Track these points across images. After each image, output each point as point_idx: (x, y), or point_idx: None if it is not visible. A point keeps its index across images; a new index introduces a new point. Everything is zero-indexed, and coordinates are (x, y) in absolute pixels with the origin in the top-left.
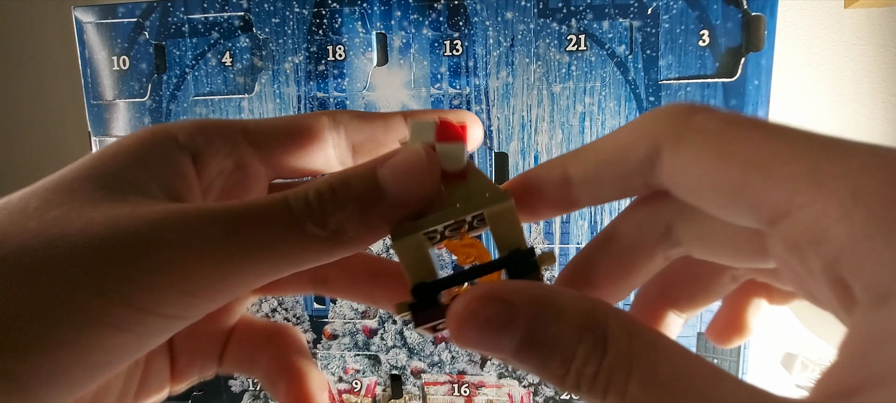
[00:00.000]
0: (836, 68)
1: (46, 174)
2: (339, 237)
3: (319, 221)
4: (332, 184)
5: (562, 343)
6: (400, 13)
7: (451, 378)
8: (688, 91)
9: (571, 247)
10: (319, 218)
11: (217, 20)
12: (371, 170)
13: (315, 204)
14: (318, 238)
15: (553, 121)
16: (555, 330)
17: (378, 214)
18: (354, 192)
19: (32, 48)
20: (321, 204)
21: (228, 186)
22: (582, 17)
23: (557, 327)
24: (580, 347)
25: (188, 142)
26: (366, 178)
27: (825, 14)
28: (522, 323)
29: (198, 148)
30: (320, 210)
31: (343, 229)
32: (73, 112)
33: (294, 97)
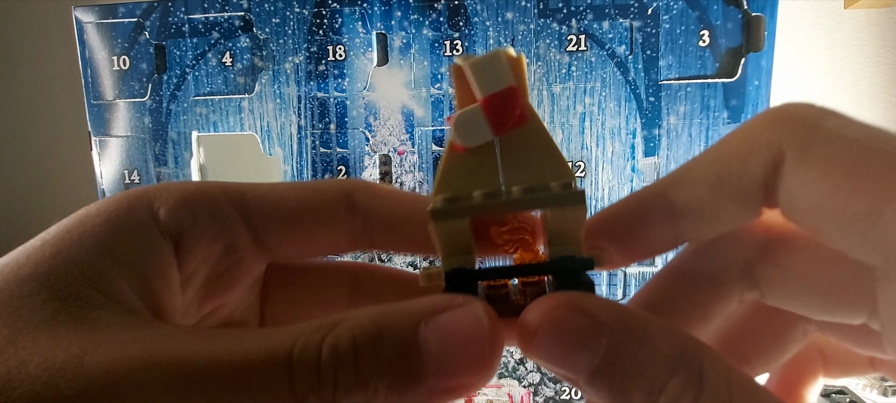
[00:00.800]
0: (836, 68)
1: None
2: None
3: (329, 398)
4: (356, 345)
5: (651, 373)
6: (400, 13)
7: None
8: (688, 91)
9: None
10: (330, 394)
11: (217, 20)
12: (411, 326)
13: (327, 372)
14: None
15: (553, 121)
16: (644, 357)
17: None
18: (385, 361)
19: (32, 48)
20: (336, 374)
21: (214, 275)
22: (582, 18)
23: (648, 354)
24: (673, 380)
25: (170, 221)
26: (403, 342)
27: (825, 14)
28: (607, 343)
29: (181, 229)
30: (333, 382)
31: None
32: (73, 112)
33: (294, 97)
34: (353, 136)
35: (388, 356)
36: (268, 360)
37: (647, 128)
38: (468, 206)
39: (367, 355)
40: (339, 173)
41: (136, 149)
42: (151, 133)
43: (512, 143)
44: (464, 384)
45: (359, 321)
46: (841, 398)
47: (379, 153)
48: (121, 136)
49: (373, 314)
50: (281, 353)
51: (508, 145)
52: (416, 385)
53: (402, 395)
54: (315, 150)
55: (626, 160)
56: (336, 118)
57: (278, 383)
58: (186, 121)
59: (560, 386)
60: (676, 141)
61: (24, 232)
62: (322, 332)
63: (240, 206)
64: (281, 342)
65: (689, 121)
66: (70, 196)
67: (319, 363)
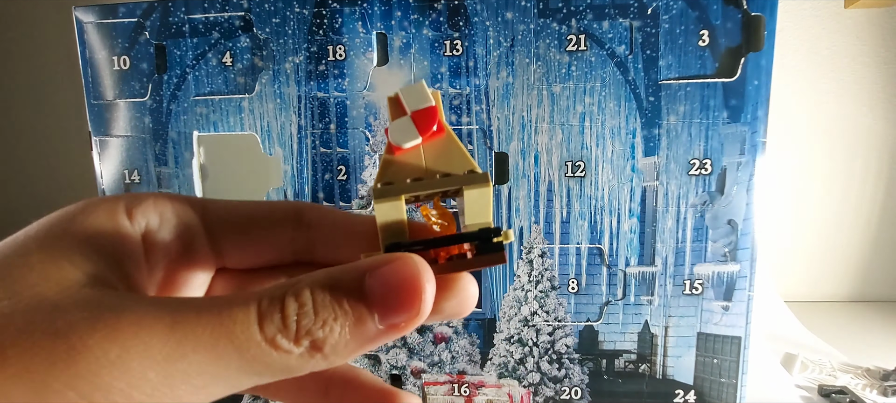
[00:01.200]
0: (836, 68)
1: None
2: (314, 354)
3: (296, 337)
4: (313, 294)
5: None
6: (400, 13)
7: (451, 378)
8: (688, 91)
9: (571, 247)
10: (296, 334)
11: (217, 20)
12: (358, 277)
13: (290, 316)
14: (291, 355)
15: (553, 122)
16: None
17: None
18: (338, 305)
19: (32, 48)
20: (298, 318)
21: (171, 270)
22: (582, 17)
23: None
24: None
25: (140, 217)
26: (352, 289)
27: (825, 14)
28: None
29: (150, 228)
30: (297, 322)
31: (321, 347)
32: (74, 112)
33: (294, 97)
34: (353, 136)
35: (340, 300)
36: (240, 308)
37: (646, 127)
38: (401, 187)
39: (323, 301)
40: (339, 173)
41: (136, 149)
42: (152, 133)
43: (433, 148)
44: (404, 321)
45: (315, 278)
46: (841, 398)
47: (379, 153)
48: (121, 136)
49: (326, 272)
50: (251, 304)
51: (430, 149)
52: (365, 323)
53: (354, 332)
54: (315, 150)
55: (626, 160)
56: (336, 118)
57: (249, 328)
58: (187, 120)
59: (560, 386)
60: (676, 140)
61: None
62: (283, 288)
63: (201, 213)
64: (249, 298)
65: (689, 121)
66: (70, 196)
67: (283, 309)
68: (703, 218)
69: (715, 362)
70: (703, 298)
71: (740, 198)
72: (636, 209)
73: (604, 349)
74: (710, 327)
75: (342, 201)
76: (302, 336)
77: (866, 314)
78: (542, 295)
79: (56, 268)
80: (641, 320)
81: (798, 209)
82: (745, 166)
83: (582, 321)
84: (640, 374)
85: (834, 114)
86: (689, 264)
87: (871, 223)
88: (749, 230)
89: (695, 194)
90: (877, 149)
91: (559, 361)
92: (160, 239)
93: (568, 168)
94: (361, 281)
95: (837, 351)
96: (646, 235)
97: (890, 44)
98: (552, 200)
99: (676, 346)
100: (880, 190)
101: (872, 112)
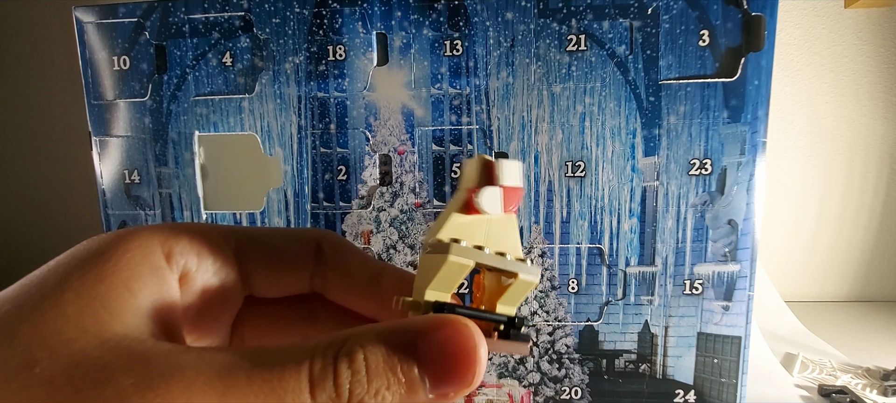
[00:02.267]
0: (836, 68)
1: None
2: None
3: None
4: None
5: None
6: (400, 13)
7: None
8: (688, 91)
9: (571, 247)
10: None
11: (217, 20)
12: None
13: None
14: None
15: (553, 122)
16: None
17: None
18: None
19: (32, 48)
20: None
21: (206, 308)
22: (582, 17)
23: None
24: None
25: (180, 260)
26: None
27: (825, 14)
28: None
29: (188, 269)
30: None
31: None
32: (74, 112)
33: (294, 97)
34: (353, 136)
35: (394, 367)
36: (291, 373)
37: (647, 127)
38: (474, 253)
39: (375, 367)
40: (339, 173)
41: (136, 149)
42: (152, 133)
43: (498, 223)
44: (455, 391)
45: (366, 336)
46: (841, 398)
47: (379, 153)
48: (121, 136)
49: (377, 331)
50: (302, 367)
51: (495, 224)
52: (417, 392)
53: (404, 401)
54: (315, 150)
55: (626, 160)
56: (336, 118)
57: (300, 393)
58: (187, 121)
59: (560, 386)
60: (676, 141)
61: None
62: (334, 348)
63: (234, 247)
64: (300, 356)
65: (689, 121)
66: (70, 196)
67: (336, 375)
68: (704, 218)
69: (715, 362)
70: (703, 298)
71: (740, 198)
72: (636, 209)
73: (604, 349)
74: (710, 327)
75: (342, 201)
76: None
77: (866, 314)
78: (542, 295)
79: (94, 319)
80: (641, 320)
81: (798, 209)
82: (745, 166)
83: (582, 321)
84: (641, 374)
85: (834, 114)
86: (690, 264)
87: (872, 223)
88: (749, 230)
89: (695, 194)
90: (877, 149)
91: (559, 361)
92: (198, 279)
93: (568, 168)
94: (415, 344)
95: (837, 351)
96: (646, 235)
97: (890, 44)
98: (552, 200)
99: (676, 346)
100: (880, 190)
101: (872, 112)
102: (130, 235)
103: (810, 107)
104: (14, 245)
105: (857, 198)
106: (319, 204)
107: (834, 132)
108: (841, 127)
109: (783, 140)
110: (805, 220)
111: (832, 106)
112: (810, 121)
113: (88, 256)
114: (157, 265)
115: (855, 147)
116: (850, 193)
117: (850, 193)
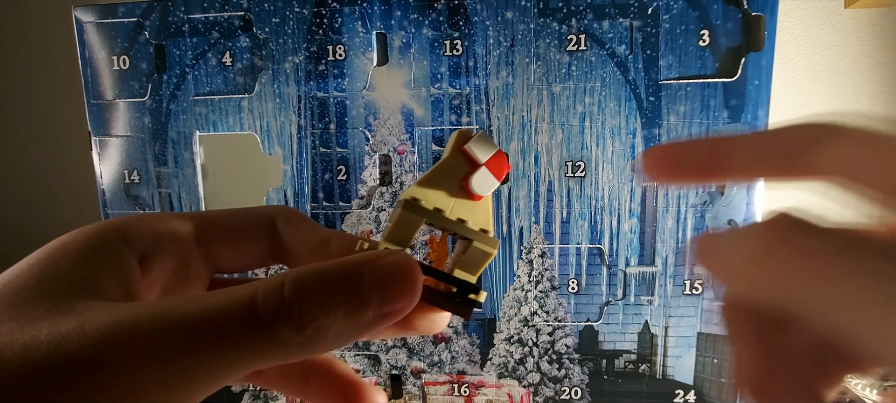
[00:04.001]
0: (836, 68)
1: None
2: (315, 342)
3: (297, 325)
4: (315, 282)
5: None
6: (400, 13)
7: (451, 378)
8: (688, 91)
9: (571, 247)
10: (297, 321)
11: (217, 20)
12: (354, 269)
13: (293, 304)
14: (291, 343)
15: (553, 121)
16: None
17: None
18: (339, 292)
19: (32, 48)
20: (301, 305)
21: (170, 285)
22: (582, 17)
23: None
24: None
25: (137, 243)
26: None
27: (825, 14)
28: None
29: (146, 251)
30: (299, 312)
31: (323, 334)
32: (73, 112)
33: (294, 97)
34: (352, 136)
35: (342, 288)
36: (235, 305)
37: (647, 127)
38: (427, 213)
39: (325, 288)
40: (339, 173)
41: (136, 149)
42: (151, 133)
43: (467, 201)
44: (398, 308)
45: (312, 267)
46: (841, 398)
47: (379, 153)
48: (121, 136)
49: (322, 263)
50: (244, 299)
51: (463, 193)
52: (364, 309)
53: (354, 318)
54: (315, 150)
55: (626, 160)
56: (336, 118)
57: (250, 320)
58: (186, 120)
59: (560, 386)
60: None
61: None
62: (279, 278)
63: (193, 229)
64: (243, 290)
65: (689, 121)
66: (70, 196)
67: (283, 297)
68: (703, 218)
69: (715, 362)
70: (703, 298)
71: (740, 198)
72: (636, 209)
73: (604, 349)
74: (710, 327)
75: (342, 201)
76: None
77: None
78: (542, 295)
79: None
80: (641, 320)
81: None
82: None
83: (582, 321)
84: (640, 374)
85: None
86: (689, 264)
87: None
88: None
89: (695, 194)
90: None
91: (559, 361)
92: (158, 262)
93: (568, 168)
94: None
95: None
96: (646, 235)
97: (890, 44)
98: (552, 200)
99: (676, 346)
100: None
101: (872, 112)
102: (88, 234)
103: (810, 107)
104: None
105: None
106: (319, 204)
107: None
108: None
109: None
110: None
111: (832, 106)
112: None
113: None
114: (114, 244)
115: None
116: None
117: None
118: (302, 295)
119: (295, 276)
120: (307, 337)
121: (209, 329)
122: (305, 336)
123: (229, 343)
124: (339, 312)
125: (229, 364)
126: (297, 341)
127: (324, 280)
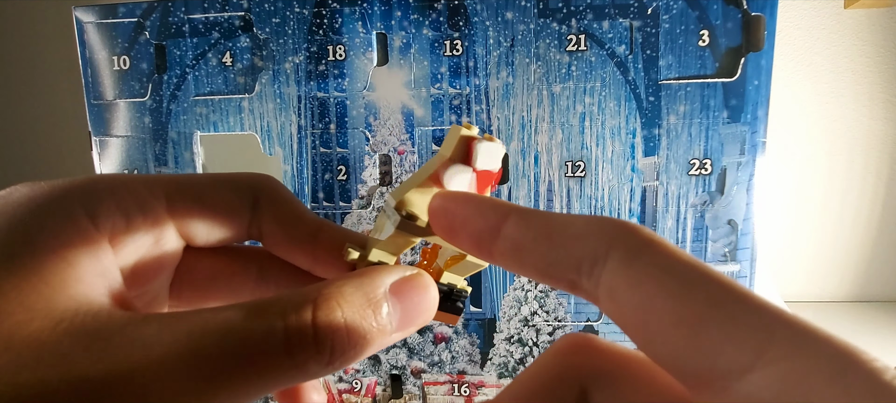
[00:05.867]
0: (836, 68)
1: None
2: (336, 367)
3: (326, 360)
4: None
5: None
6: (400, 13)
7: (451, 377)
8: (688, 91)
9: None
10: (327, 357)
11: (217, 20)
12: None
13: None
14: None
15: (553, 122)
16: None
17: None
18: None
19: (32, 48)
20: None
21: (143, 264)
22: (582, 17)
23: None
24: None
25: (106, 224)
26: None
27: (825, 14)
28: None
29: (116, 228)
30: (330, 349)
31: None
32: (74, 112)
33: (294, 97)
34: (353, 136)
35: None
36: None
37: (647, 127)
38: (423, 231)
39: (355, 330)
40: (339, 173)
41: (136, 149)
42: (151, 133)
43: None
44: (414, 327)
45: (341, 303)
46: None
47: (379, 153)
48: (121, 136)
49: (349, 299)
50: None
51: None
52: (386, 335)
53: (377, 343)
54: (315, 150)
55: (626, 160)
56: (336, 118)
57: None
58: (187, 120)
59: None
60: (676, 140)
61: None
62: (309, 306)
63: (165, 200)
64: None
65: (689, 121)
66: None
67: (316, 336)
68: (703, 218)
69: None
70: None
71: (740, 198)
72: (636, 209)
73: None
74: None
75: (342, 201)
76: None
77: (866, 314)
78: (542, 295)
79: (37, 296)
80: None
81: (798, 209)
82: (745, 166)
83: (582, 321)
84: None
85: (834, 115)
86: None
87: (871, 223)
88: (749, 230)
89: (695, 194)
90: (877, 149)
91: None
92: (128, 240)
93: (568, 168)
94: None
95: None
96: None
97: (890, 44)
98: (552, 200)
99: None
100: (880, 190)
101: (872, 112)
102: (46, 201)
103: (810, 107)
104: None
105: (857, 198)
106: (319, 204)
107: (834, 132)
108: (840, 127)
109: (783, 140)
110: (805, 220)
111: (832, 106)
112: (810, 121)
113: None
114: (84, 228)
115: (855, 147)
116: (850, 193)
117: (850, 193)
118: (333, 334)
119: (327, 314)
120: (332, 366)
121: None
122: (332, 367)
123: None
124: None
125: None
126: (322, 370)
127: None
